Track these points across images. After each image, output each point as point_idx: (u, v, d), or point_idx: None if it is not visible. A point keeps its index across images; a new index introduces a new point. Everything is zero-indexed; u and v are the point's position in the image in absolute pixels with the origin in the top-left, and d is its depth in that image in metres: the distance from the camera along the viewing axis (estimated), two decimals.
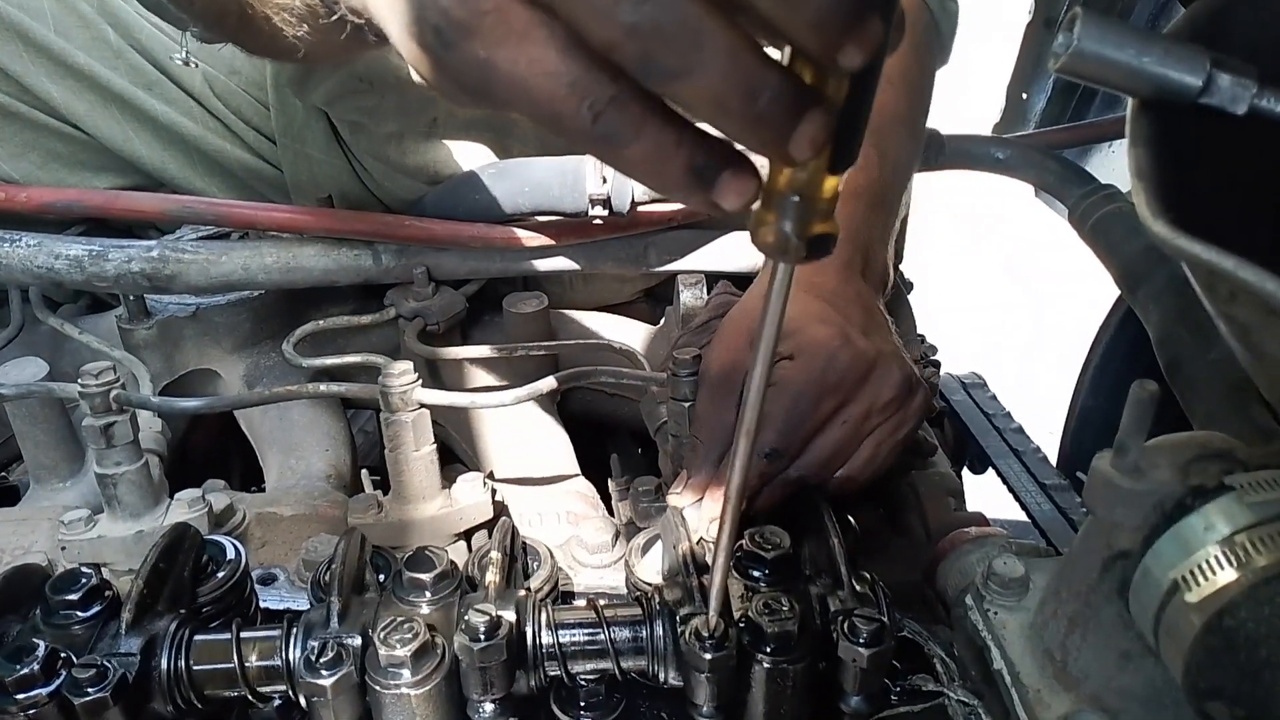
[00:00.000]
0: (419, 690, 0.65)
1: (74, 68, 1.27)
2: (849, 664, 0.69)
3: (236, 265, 1.17)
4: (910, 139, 1.16)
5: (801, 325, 0.87)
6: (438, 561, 0.72)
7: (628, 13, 0.41)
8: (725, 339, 0.92)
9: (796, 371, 0.85)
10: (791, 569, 0.75)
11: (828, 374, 0.85)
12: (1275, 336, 0.53)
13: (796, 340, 0.86)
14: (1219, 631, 0.52)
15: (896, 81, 1.12)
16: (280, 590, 0.91)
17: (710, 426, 0.86)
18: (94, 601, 0.72)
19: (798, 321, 0.87)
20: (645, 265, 1.28)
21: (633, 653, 0.71)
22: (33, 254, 1.13)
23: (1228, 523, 0.54)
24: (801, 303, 0.89)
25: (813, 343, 0.85)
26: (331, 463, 1.19)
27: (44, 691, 0.65)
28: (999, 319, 3.83)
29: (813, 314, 0.88)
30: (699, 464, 0.85)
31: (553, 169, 1.14)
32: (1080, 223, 1.17)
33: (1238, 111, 0.57)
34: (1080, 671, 0.64)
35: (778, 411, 0.84)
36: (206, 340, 1.28)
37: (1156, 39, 0.58)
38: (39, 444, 1.11)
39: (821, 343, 0.85)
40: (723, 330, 0.94)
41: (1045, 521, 1.27)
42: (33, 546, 0.99)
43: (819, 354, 0.85)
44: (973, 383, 1.55)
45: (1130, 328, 1.62)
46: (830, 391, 0.85)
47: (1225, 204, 0.59)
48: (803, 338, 0.86)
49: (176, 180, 1.35)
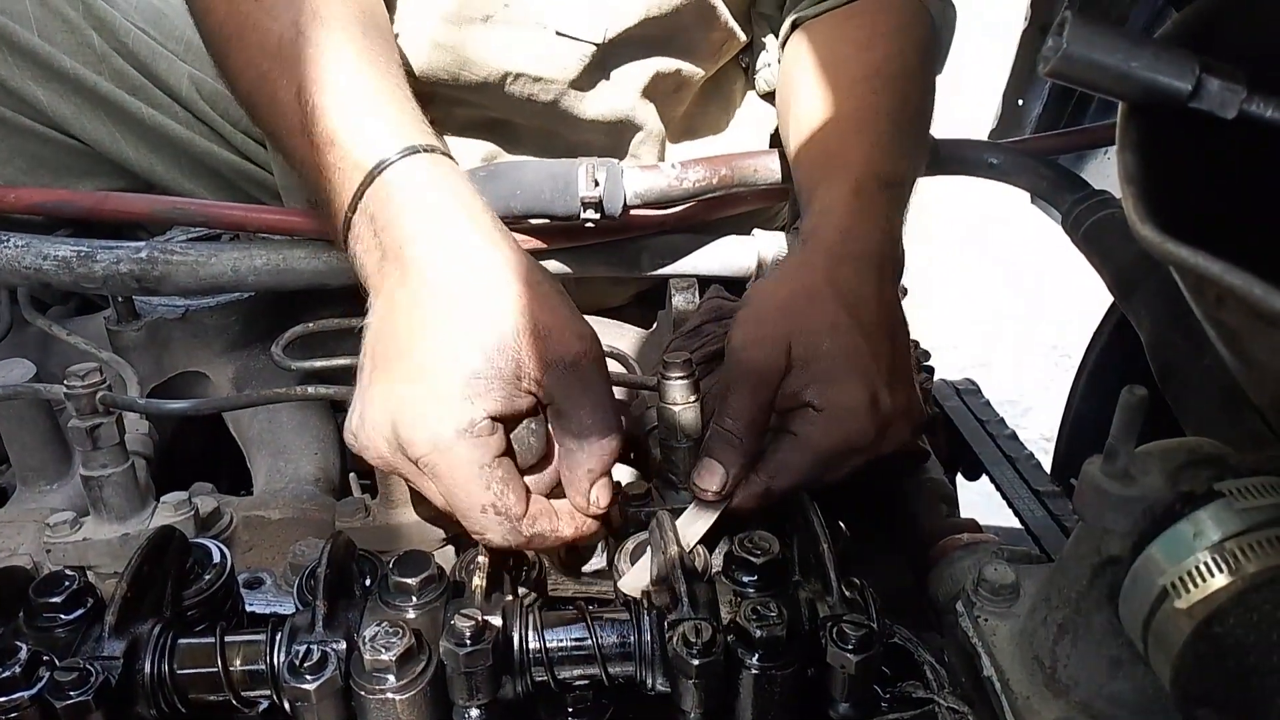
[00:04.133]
0: (404, 695, 0.65)
1: (59, 71, 1.27)
2: (837, 670, 0.68)
3: (226, 267, 1.16)
4: (925, 139, 1.16)
5: (833, 373, 0.84)
6: (424, 566, 0.72)
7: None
8: (764, 330, 0.87)
9: (821, 435, 0.84)
10: (781, 574, 0.75)
11: (851, 440, 0.84)
12: (1263, 342, 0.52)
13: (827, 394, 0.84)
14: (1208, 638, 0.52)
15: (915, 78, 1.12)
16: (267, 594, 0.91)
17: (747, 421, 0.84)
18: (77, 605, 0.71)
19: (831, 363, 0.84)
20: (637, 269, 1.27)
21: (620, 658, 0.70)
22: (20, 254, 1.12)
23: (1218, 529, 0.54)
24: (836, 325, 0.86)
25: (842, 406, 0.84)
26: (320, 466, 1.18)
27: (26, 694, 0.65)
28: (993, 324, 3.84)
29: (847, 354, 0.85)
30: (733, 458, 0.83)
31: (544, 171, 1.13)
32: (1073, 228, 1.17)
33: (1227, 116, 0.57)
34: (1070, 678, 0.64)
35: (798, 465, 0.84)
36: (195, 342, 1.27)
37: (1146, 43, 0.58)
38: (25, 446, 1.11)
39: (851, 409, 0.84)
40: (760, 319, 0.89)
41: (1039, 528, 1.27)
42: (18, 549, 0.99)
43: (846, 419, 0.84)
44: (966, 389, 1.54)
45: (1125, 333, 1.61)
46: (849, 455, 0.85)
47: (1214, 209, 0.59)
48: (834, 393, 0.84)
49: (165, 182, 1.34)
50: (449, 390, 0.74)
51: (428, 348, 0.76)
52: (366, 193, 0.82)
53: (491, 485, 0.75)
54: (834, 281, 0.89)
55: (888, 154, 1.03)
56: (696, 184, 1.18)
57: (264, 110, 0.93)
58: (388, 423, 0.75)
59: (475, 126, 1.26)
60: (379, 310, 0.81)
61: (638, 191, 1.17)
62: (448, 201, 0.82)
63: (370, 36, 0.92)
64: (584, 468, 0.80)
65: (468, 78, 1.17)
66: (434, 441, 0.74)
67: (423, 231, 0.80)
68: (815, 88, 1.11)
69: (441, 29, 1.14)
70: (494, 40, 1.15)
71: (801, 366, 0.85)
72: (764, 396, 0.85)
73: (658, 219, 1.23)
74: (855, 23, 1.16)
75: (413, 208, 0.81)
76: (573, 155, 1.16)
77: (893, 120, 1.06)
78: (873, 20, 1.16)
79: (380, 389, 0.77)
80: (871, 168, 0.99)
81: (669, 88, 1.26)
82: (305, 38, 0.89)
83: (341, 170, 0.84)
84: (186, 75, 1.35)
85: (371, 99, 0.87)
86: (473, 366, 0.74)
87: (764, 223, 1.35)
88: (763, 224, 1.34)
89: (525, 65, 1.17)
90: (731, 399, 0.85)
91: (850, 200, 0.96)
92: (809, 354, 0.85)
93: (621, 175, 1.15)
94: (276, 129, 0.92)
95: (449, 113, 1.24)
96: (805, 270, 0.92)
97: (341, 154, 0.84)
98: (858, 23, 1.16)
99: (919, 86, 1.13)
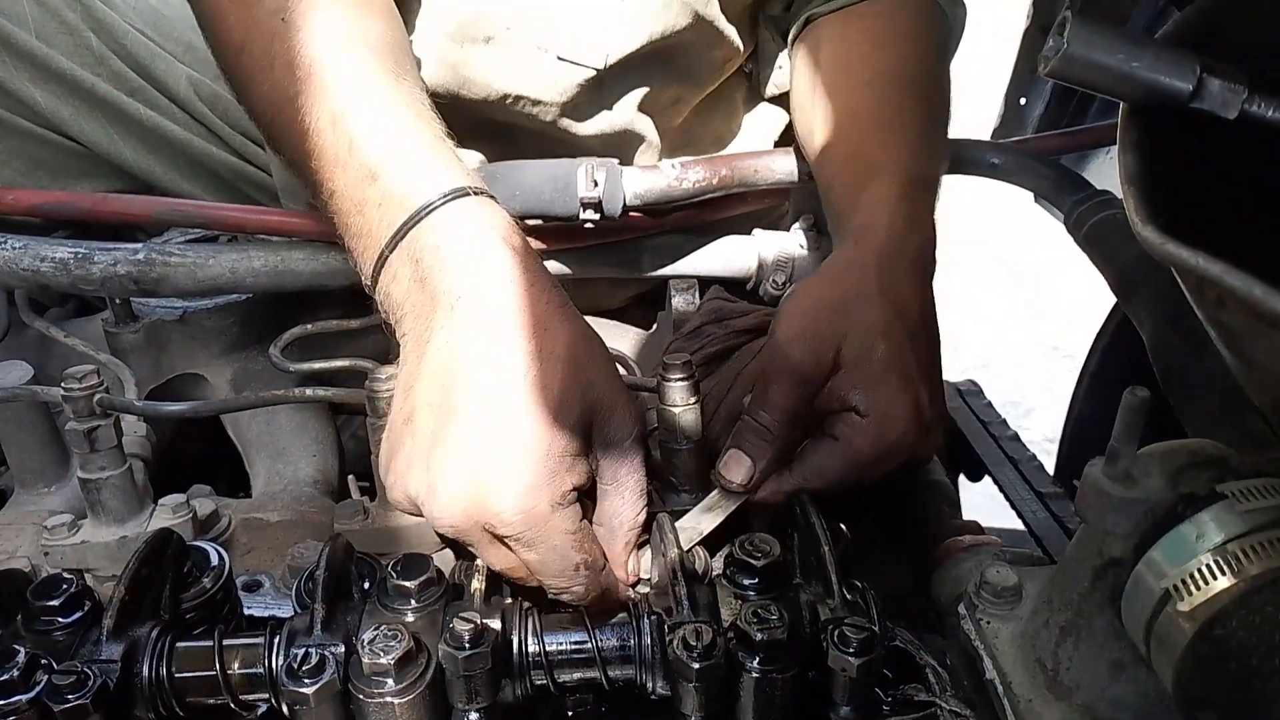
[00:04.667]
0: (403, 699, 0.65)
1: (57, 73, 1.27)
2: (838, 673, 0.68)
3: (224, 268, 1.16)
4: (948, 139, 1.15)
5: (883, 378, 0.84)
6: (423, 569, 0.71)
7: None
8: (813, 326, 0.87)
9: (865, 441, 0.84)
10: (782, 577, 0.75)
11: (893, 447, 0.85)
12: (1264, 343, 0.52)
13: (874, 399, 0.84)
14: (1210, 640, 0.52)
15: (935, 79, 1.12)
16: (265, 597, 0.91)
17: (784, 417, 0.84)
18: (75, 608, 0.71)
19: (881, 368, 0.84)
20: (637, 270, 1.27)
21: (620, 661, 0.70)
22: (18, 256, 1.12)
23: (1220, 531, 0.53)
24: (889, 330, 0.86)
25: (888, 416, 0.84)
26: (319, 468, 1.18)
27: (24, 698, 0.64)
28: (995, 325, 3.83)
29: (896, 360, 0.85)
30: (763, 451, 0.83)
31: (544, 172, 1.13)
32: (1075, 229, 1.17)
33: (1228, 116, 0.57)
34: (1072, 681, 0.63)
35: (836, 469, 0.84)
36: (193, 344, 1.27)
37: (1146, 43, 0.58)
38: (23, 448, 1.10)
39: (897, 418, 0.84)
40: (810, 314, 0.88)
41: (1041, 530, 1.26)
42: (16, 551, 0.99)
43: (892, 428, 0.84)
44: (968, 389, 1.54)
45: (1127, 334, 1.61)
46: (887, 461, 0.86)
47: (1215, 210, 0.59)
48: (880, 399, 0.84)
49: (163, 183, 1.34)
50: (538, 466, 0.73)
51: (507, 418, 0.74)
52: (411, 233, 0.80)
53: (583, 545, 0.76)
54: (884, 284, 0.89)
55: (925, 155, 1.03)
56: (696, 184, 1.18)
57: (288, 131, 0.90)
58: (469, 496, 0.73)
59: (474, 133, 1.26)
60: (432, 357, 0.77)
61: (637, 192, 1.16)
62: (503, 255, 0.79)
63: (403, 65, 0.91)
64: (622, 541, 0.80)
65: (467, 95, 1.17)
66: (529, 518, 0.73)
67: (484, 288, 0.77)
68: (838, 86, 1.11)
69: (444, 47, 1.14)
70: (494, 61, 1.15)
71: (851, 368, 0.85)
72: (805, 393, 0.84)
73: (658, 220, 1.23)
74: (872, 21, 1.15)
75: (466, 256, 0.79)
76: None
77: (922, 121, 1.06)
78: (890, 19, 1.15)
79: (457, 459, 0.74)
80: (915, 169, 1.00)
81: (666, 103, 1.26)
82: (342, 64, 0.87)
83: (383, 206, 0.82)
84: (185, 77, 1.35)
85: (413, 135, 0.85)
86: (560, 443, 0.74)
87: (765, 223, 1.35)
88: (763, 224, 1.34)
89: (524, 88, 1.16)
90: (771, 391, 0.84)
91: (898, 202, 0.96)
92: (860, 357, 0.85)
93: (621, 176, 1.15)
94: (302, 151, 0.88)
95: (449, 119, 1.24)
96: (856, 270, 0.91)
97: (384, 190, 0.82)
98: (875, 21, 1.15)
99: (939, 87, 1.13)
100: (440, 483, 0.74)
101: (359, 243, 0.85)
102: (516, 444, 0.73)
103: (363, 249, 0.85)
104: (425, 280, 0.79)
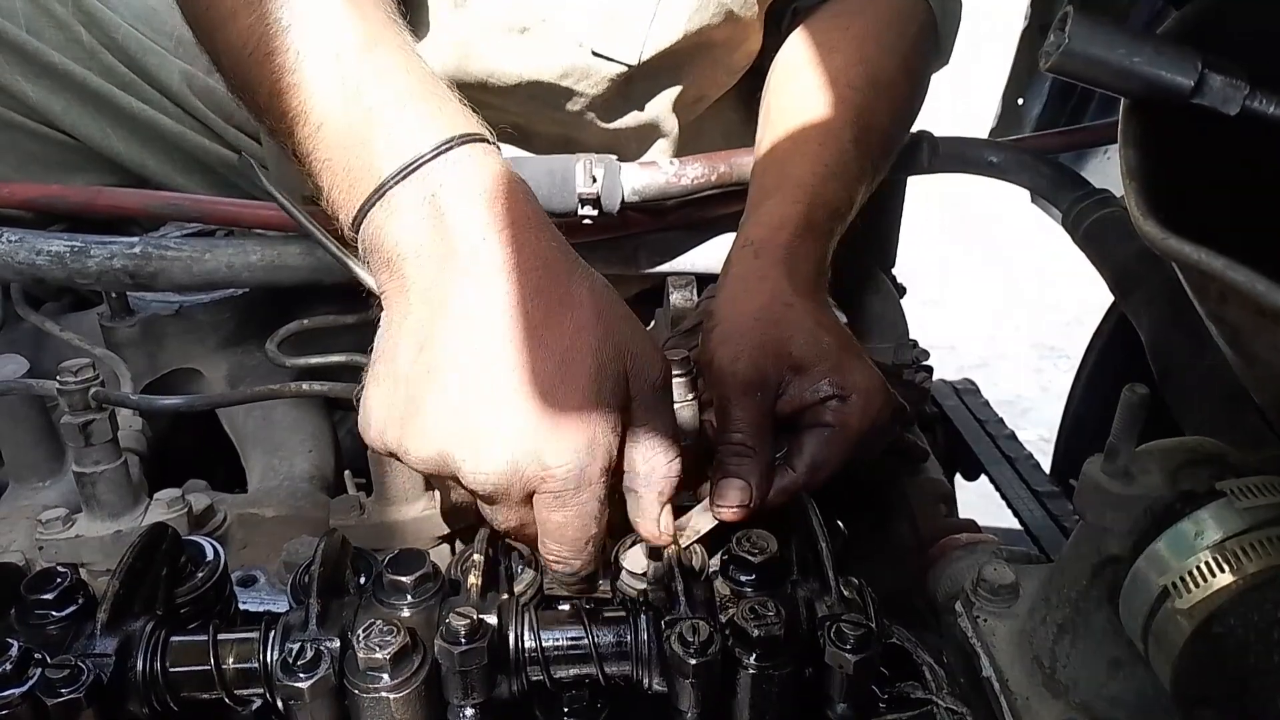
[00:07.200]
0: (398, 694, 0.64)
1: (48, 66, 1.27)
2: (835, 670, 0.68)
3: (220, 263, 1.15)
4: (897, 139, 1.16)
5: (845, 362, 0.87)
6: (419, 564, 0.71)
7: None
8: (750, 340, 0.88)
9: (856, 417, 0.85)
10: (779, 574, 0.74)
11: (878, 416, 0.87)
12: (1265, 339, 0.52)
13: (847, 380, 0.86)
14: (1208, 638, 0.52)
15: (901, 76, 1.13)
16: (261, 592, 0.90)
17: (755, 429, 0.84)
18: (69, 602, 0.71)
19: (839, 354, 0.87)
20: (635, 267, 1.27)
21: (617, 657, 0.70)
22: (14, 250, 1.12)
23: (1219, 528, 0.53)
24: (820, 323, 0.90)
25: (866, 389, 0.86)
26: (315, 463, 1.18)
27: (16, 692, 0.64)
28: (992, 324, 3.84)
29: (844, 345, 0.89)
30: (751, 468, 0.82)
31: (541, 167, 1.13)
32: (1073, 227, 1.17)
33: (1230, 112, 0.57)
34: (1069, 679, 0.63)
35: (836, 454, 0.85)
36: (189, 339, 1.27)
37: (1147, 39, 0.58)
38: (18, 442, 1.10)
39: (873, 389, 0.87)
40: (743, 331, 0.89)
41: (1037, 528, 1.27)
42: (10, 545, 0.99)
43: (874, 399, 0.86)
44: (965, 389, 1.54)
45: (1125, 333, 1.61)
46: (878, 432, 0.88)
47: (1217, 206, 0.59)
48: (854, 378, 0.86)
49: (156, 177, 1.34)
50: (599, 420, 0.70)
51: (562, 367, 0.70)
52: (427, 166, 0.74)
53: (602, 519, 0.73)
54: (798, 290, 0.92)
55: (844, 177, 1.04)
56: (695, 181, 1.18)
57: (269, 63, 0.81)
58: (527, 450, 0.69)
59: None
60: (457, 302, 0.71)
61: (636, 188, 1.16)
62: (530, 202, 0.76)
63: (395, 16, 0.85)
64: (655, 491, 0.75)
65: (494, 84, 1.16)
66: (583, 475, 0.70)
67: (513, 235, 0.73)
68: (792, 89, 1.12)
69: (474, 36, 1.13)
70: (527, 52, 1.15)
71: (811, 364, 0.86)
72: (766, 403, 0.85)
73: (656, 217, 1.22)
74: (850, 17, 1.16)
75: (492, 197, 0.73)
76: None
77: (860, 130, 1.07)
78: (871, 14, 1.16)
79: (509, 413, 0.69)
80: (824, 195, 1.01)
81: (689, 100, 1.27)
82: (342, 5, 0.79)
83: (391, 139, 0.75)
84: (178, 71, 1.35)
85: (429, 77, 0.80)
86: (610, 396, 0.71)
87: None
88: None
89: (555, 79, 1.16)
90: (734, 411, 0.84)
91: (798, 225, 0.98)
92: (814, 353, 0.86)
93: (619, 172, 1.14)
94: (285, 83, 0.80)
95: None
96: (768, 282, 0.94)
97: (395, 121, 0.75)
98: (852, 17, 1.16)
99: (904, 84, 1.14)
100: (487, 436, 0.69)
101: (345, 177, 0.78)
102: (574, 395, 0.69)
103: (350, 184, 0.77)
104: (443, 216, 0.73)
